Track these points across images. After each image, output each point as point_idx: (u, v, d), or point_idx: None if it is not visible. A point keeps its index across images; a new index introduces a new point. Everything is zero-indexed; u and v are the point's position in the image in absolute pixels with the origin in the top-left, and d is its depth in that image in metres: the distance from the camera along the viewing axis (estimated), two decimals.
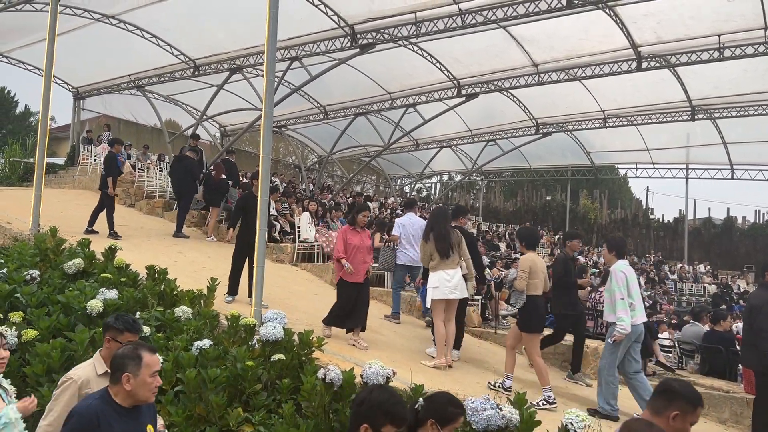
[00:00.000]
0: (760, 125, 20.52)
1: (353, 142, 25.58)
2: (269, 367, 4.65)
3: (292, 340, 4.85)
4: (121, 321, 3.57)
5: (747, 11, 13.14)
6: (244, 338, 5.06)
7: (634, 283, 6.07)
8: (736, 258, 30.53)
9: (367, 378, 4.17)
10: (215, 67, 17.61)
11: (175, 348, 4.78)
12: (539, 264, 6.32)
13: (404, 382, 4.55)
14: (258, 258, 5.88)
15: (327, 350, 5.43)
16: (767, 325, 5.77)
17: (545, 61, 16.48)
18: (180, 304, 5.72)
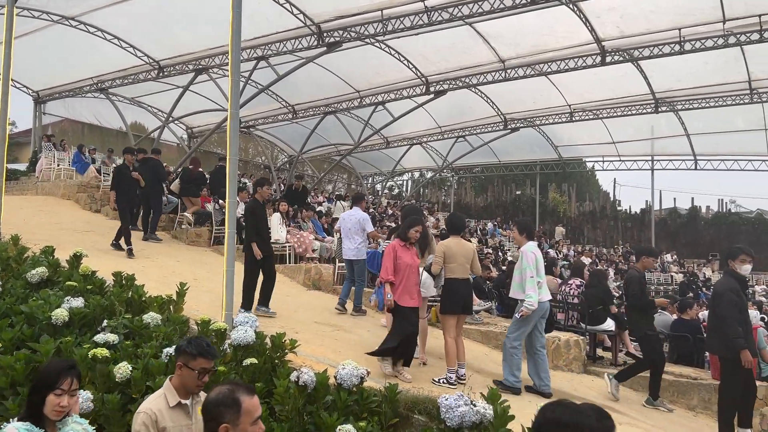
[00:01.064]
0: (721, 116, 21.02)
1: (323, 141, 25.49)
2: (241, 372, 4.59)
3: (264, 344, 4.80)
4: (194, 345, 3.18)
5: (705, 5, 13.43)
6: (215, 343, 4.98)
7: (541, 264, 6.39)
8: (701, 247, 31.26)
9: (341, 379, 4.15)
10: (180, 68, 17.38)
11: (145, 355, 4.68)
12: (455, 248, 6.40)
13: (378, 382, 4.53)
14: (227, 261, 5.80)
15: (300, 352, 5.39)
16: (729, 311, 5.92)
17: (511, 57, 16.63)
18: (149, 310, 5.61)
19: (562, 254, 25.09)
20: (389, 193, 35.85)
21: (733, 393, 6.02)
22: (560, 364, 7.88)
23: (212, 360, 3.24)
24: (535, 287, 6.15)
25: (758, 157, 25.53)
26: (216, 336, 5.04)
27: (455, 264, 6.34)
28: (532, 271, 6.18)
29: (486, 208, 36.25)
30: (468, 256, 6.45)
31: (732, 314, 5.93)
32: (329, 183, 36.37)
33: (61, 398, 2.90)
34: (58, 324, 5.04)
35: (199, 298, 7.28)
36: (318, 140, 24.76)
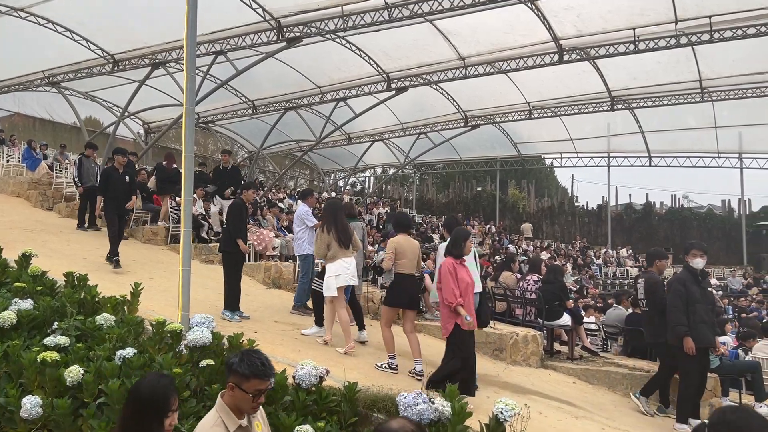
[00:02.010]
0: (673, 114, 21.66)
1: (284, 137, 25.27)
2: (198, 374, 4.51)
3: (221, 345, 4.72)
4: (246, 364, 2.83)
5: (659, 6, 13.77)
6: (170, 344, 4.88)
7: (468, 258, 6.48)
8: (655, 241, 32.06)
9: (300, 379, 4.12)
10: (136, 62, 16.96)
11: (97, 358, 4.56)
12: (405, 245, 6.63)
13: (338, 381, 4.52)
14: (183, 260, 5.69)
15: None
16: (674, 300, 6.31)
17: (471, 54, 16.75)
18: (102, 311, 5.47)
19: (522, 249, 25.46)
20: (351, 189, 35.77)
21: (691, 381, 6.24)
22: (518, 359, 7.99)
23: (268, 380, 2.91)
24: None
25: (708, 154, 26.40)
26: (171, 337, 4.95)
27: (405, 260, 6.55)
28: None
29: (447, 204, 36.49)
30: (415, 252, 6.69)
31: (675, 303, 6.27)
32: (291, 179, 36.10)
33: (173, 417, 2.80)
34: (5, 327, 4.88)
35: (154, 298, 7.14)
36: (279, 136, 24.54)
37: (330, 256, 6.89)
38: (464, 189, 37.89)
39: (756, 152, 25.85)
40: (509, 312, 9.65)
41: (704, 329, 6.27)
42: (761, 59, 16.59)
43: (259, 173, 31.66)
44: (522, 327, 8.72)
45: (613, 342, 10.35)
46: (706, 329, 6.29)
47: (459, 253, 5.82)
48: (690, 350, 6.12)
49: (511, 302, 9.69)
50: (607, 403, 6.84)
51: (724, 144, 25.06)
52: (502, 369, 7.58)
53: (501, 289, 10.08)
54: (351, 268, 6.84)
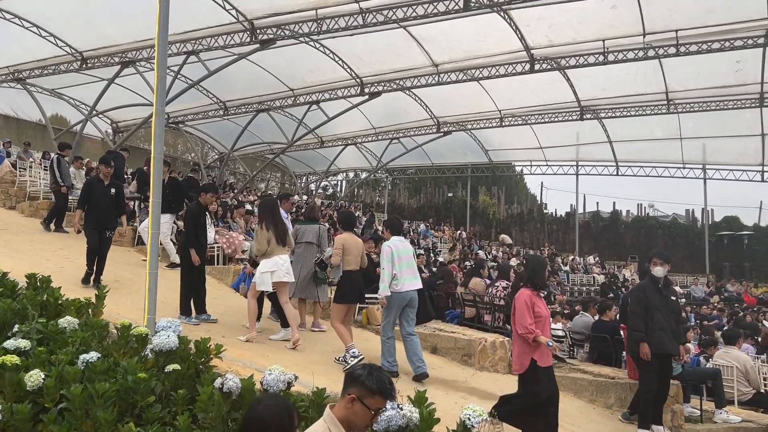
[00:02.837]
0: (640, 125, 22.12)
1: (256, 139, 25.10)
2: (164, 378, 4.43)
3: (187, 349, 4.65)
4: (375, 379, 2.72)
5: (628, 18, 14.08)
6: (136, 349, 4.79)
7: (401, 257, 6.77)
8: (621, 249, 32.70)
9: (267, 385, 4.07)
10: (105, 60, 16.69)
11: (59, 362, 4.45)
12: (351, 242, 7.00)
13: (306, 386, 4.49)
14: (150, 262, 5.60)
15: (226, 357, 5.26)
16: (633, 307, 6.48)
17: (444, 61, 16.88)
18: (65, 314, 5.34)
19: (491, 255, 25.68)
20: (323, 193, 35.67)
21: (650, 386, 6.36)
22: (486, 365, 8.04)
23: (389, 400, 2.83)
24: (385, 279, 6.63)
25: (674, 164, 27.02)
26: (137, 341, 4.86)
27: (351, 256, 6.94)
28: (386, 265, 6.67)
29: (419, 209, 36.63)
30: (360, 249, 7.11)
31: (634, 310, 6.46)
32: (262, 181, 35.84)
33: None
34: None
35: (120, 301, 7.01)
36: (250, 138, 24.36)
37: (267, 253, 7.01)
38: (436, 194, 38.08)
39: (719, 163, 26.53)
40: (478, 318, 9.72)
41: (662, 336, 6.33)
42: (725, 73, 17.08)
43: (229, 175, 31.35)
44: (491, 333, 8.79)
45: (579, 348, 10.49)
46: (664, 336, 6.34)
47: (541, 284, 5.52)
48: (645, 356, 6.25)
49: (480, 308, 9.76)
50: (572, 409, 6.93)
51: (688, 155, 25.68)
52: (471, 375, 7.62)
53: (470, 295, 10.14)
54: (286, 265, 7.04)
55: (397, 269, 6.68)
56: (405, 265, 6.77)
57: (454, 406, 5.35)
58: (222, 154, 27.42)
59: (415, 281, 6.87)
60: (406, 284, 6.73)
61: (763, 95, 18.08)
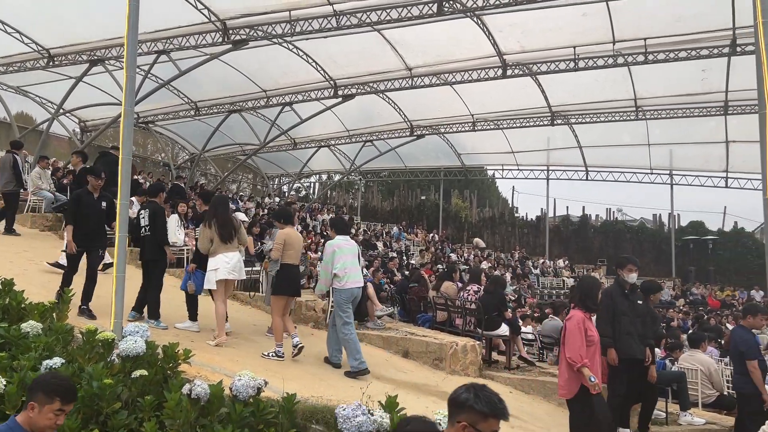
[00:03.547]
0: (609, 130, 22.49)
1: (227, 140, 24.85)
2: (130, 384, 4.35)
3: (155, 354, 4.57)
4: (484, 401, 2.53)
5: (598, 26, 14.30)
6: (101, 354, 4.69)
7: (342, 255, 7.00)
8: (591, 252, 33.17)
9: (237, 390, 4.03)
10: (73, 57, 16.35)
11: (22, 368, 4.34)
12: (293, 237, 7.29)
13: (276, 392, 4.45)
14: (117, 265, 5.50)
15: (195, 362, 5.19)
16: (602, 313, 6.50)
17: (418, 65, 16.94)
18: (28, 318, 5.21)
19: (463, 258, 25.83)
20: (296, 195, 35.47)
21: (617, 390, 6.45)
22: (457, 369, 8.08)
23: (505, 420, 2.61)
24: (325, 278, 7.00)
25: (641, 170, 27.53)
26: (103, 346, 4.76)
27: (292, 251, 7.17)
28: (326, 263, 7.01)
29: (392, 212, 36.66)
30: (300, 244, 7.43)
31: (602, 315, 6.49)
32: (233, 183, 35.50)
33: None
34: None
35: None
36: (222, 139, 24.11)
37: (212, 251, 7.11)
38: (409, 197, 38.16)
39: (685, 169, 27.09)
40: (450, 321, 9.76)
41: (629, 341, 6.36)
42: (691, 82, 17.46)
43: (200, 176, 30.99)
44: (462, 337, 8.83)
45: (548, 352, 10.61)
46: (632, 341, 6.39)
47: (593, 306, 5.38)
48: (612, 361, 6.32)
49: (452, 312, 9.80)
50: (541, 413, 7.00)
51: (656, 160, 26.18)
52: (442, 378, 7.65)
53: (442, 299, 10.18)
54: (231, 263, 7.11)
55: (339, 268, 6.90)
56: (349, 264, 7.00)
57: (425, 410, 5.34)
58: (193, 155, 27.08)
59: (358, 279, 7.10)
60: (350, 281, 6.95)
61: (727, 103, 18.53)
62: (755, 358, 6.19)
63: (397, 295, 11.82)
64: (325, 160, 29.38)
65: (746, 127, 19.40)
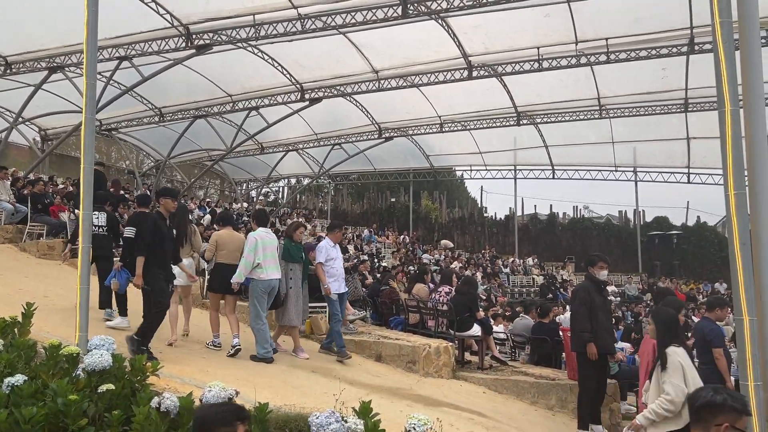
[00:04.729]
0: (574, 130, 22.81)
1: (193, 145, 24.51)
2: (97, 399, 4.23)
3: (122, 368, 4.46)
4: (739, 400, 2.56)
5: (560, 27, 14.50)
6: (66, 369, 4.56)
7: (264, 247, 7.29)
8: (559, 250, 33.59)
9: (206, 401, 3.96)
10: (31, 65, 15.96)
11: None
12: (227, 238, 7.68)
13: (248, 401, 4.38)
14: (81, 277, 5.37)
15: (164, 374, 5.08)
16: (577, 308, 6.67)
17: (385, 68, 16.95)
18: None
19: (434, 259, 25.93)
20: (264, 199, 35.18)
21: (589, 387, 6.53)
22: (431, 371, 8.08)
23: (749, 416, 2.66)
24: (245, 267, 7.19)
25: (606, 167, 28.00)
26: (67, 361, 4.63)
27: (225, 251, 7.55)
28: (249, 253, 7.21)
29: (362, 215, 36.61)
30: (238, 245, 7.63)
31: (580, 311, 6.61)
32: (200, 189, 35.06)
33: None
34: None
35: (50, 319, 6.68)
36: (188, 145, 23.77)
37: None
38: (379, 200, 38.17)
39: (648, 166, 27.63)
40: (422, 323, 9.77)
41: (606, 336, 6.57)
42: (652, 80, 17.83)
43: (166, 183, 30.50)
44: (434, 338, 8.84)
45: (520, 351, 10.69)
46: (607, 336, 6.60)
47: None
48: (592, 356, 6.42)
49: (424, 314, 9.81)
50: (515, 412, 7.04)
51: (620, 158, 26.65)
52: (416, 381, 7.65)
53: (414, 301, 10.18)
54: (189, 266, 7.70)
55: (261, 258, 7.21)
56: (269, 255, 7.31)
57: (399, 414, 5.34)
58: (158, 162, 26.64)
59: (275, 271, 7.38)
60: (268, 272, 7.26)
61: (687, 101, 18.97)
62: (721, 347, 6.32)
63: (369, 298, 11.79)
64: (293, 164, 29.19)
65: (706, 123, 19.92)
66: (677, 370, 4.34)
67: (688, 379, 4.30)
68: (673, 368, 4.35)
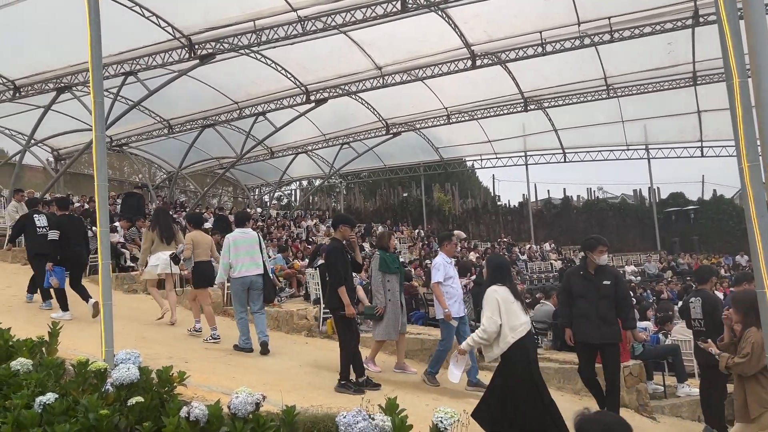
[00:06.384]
0: (582, 111, 22.65)
1: (204, 155, 24.69)
2: (127, 413, 4.29)
3: (150, 380, 4.51)
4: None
5: (561, 9, 14.41)
6: (95, 385, 4.62)
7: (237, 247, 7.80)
8: (575, 233, 33.31)
9: (235, 408, 3.99)
10: (39, 87, 16.14)
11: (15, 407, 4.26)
12: (200, 239, 8.52)
13: (275, 405, 4.42)
14: (103, 293, 5.43)
15: (191, 383, 5.14)
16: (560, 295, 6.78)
17: (388, 63, 16.94)
18: (17, 355, 5.12)
19: None
20: (278, 203, 35.32)
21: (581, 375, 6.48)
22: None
23: None
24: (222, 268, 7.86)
25: (618, 147, 27.79)
26: (96, 377, 4.70)
27: (200, 250, 8.40)
28: (224, 255, 7.83)
29: (376, 211, 36.62)
30: (208, 244, 8.63)
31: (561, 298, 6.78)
32: (214, 197, 35.27)
33: None
34: None
35: (76, 336, 6.78)
36: (198, 154, 23.95)
37: (153, 250, 8.87)
38: (391, 196, 38.16)
39: (660, 143, 27.39)
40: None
41: (581, 324, 6.11)
42: (658, 56, 17.66)
43: (180, 193, 30.75)
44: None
45: (543, 337, 10.65)
46: (585, 324, 6.08)
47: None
48: (568, 340, 6.32)
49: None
50: None
51: (631, 136, 26.44)
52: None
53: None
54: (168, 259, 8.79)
55: (234, 258, 7.72)
56: (243, 254, 7.76)
57: (425, 408, 5.36)
58: (170, 173, 26.86)
59: (253, 267, 7.77)
60: (243, 270, 7.70)
61: (695, 74, 18.77)
62: None
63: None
64: (303, 166, 29.28)
65: (716, 95, 19.68)
66: (490, 303, 5.02)
67: (503, 313, 4.97)
68: (487, 302, 5.04)
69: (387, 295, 7.49)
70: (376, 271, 7.59)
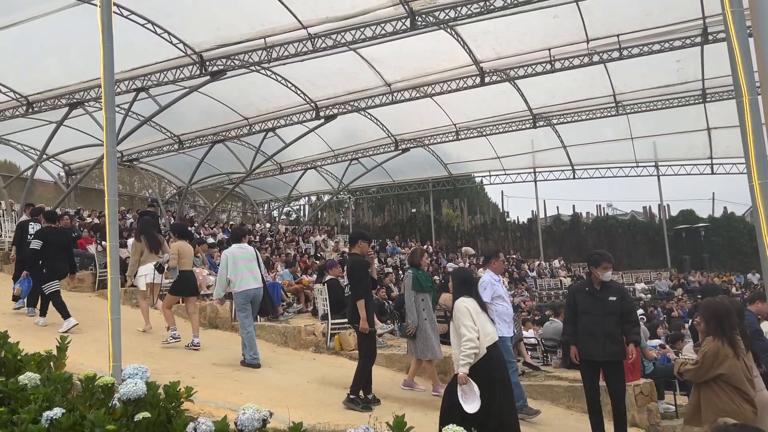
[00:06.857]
0: (592, 128, 22.62)
1: (214, 170, 24.81)
2: (134, 428, 4.28)
3: (157, 395, 4.50)
4: None
5: (570, 27, 14.45)
6: (102, 400, 4.61)
7: (237, 262, 7.90)
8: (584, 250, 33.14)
9: (242, 425, 3.97)
10: (52, 102, 16.32)
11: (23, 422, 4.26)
12: (185, 249, 8.65)
13: (282, 421, 4.40)
14: (112, 308, 5.44)
15: (198, 399, 5.12)
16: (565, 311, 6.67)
17: (397, 80, 17.03)
18: (25, 370, 5.11)
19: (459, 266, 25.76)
20: (287, 219, 35.39)
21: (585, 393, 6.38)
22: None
23: None
24: (219, 283, 8.03)
25: (627, 164, 27.73)
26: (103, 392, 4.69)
27: (185, 259, 8.56)
28: (222, 270, 7.99)
29: (384, 227, 36.63)
30: (191, 254, 8.89)
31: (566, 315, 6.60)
32: (223, 212, 35.40)
33: None
34: None
35: (83, 350, 6.77)
36: (208, 170, 24.07)
37: (142, 260, 9.05)
38: (399, 211, 38.18)
39: (670, 160, 27.31)
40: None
41: (585, 341, 6.04)
42: (667, 73, 17.66)
43: (189, 208, 30.88)
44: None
45: (552, 355, 10.57)
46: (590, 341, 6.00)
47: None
48: (573, 357, 6.21)
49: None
50: (551, 417, 6.95)
51: (640, 153, 26.39)
52: None
53: (441, 311, 10.12)
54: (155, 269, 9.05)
55: (233, 273, 7.83)
56: (243, 268, 7.89)
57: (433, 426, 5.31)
58: (180, 188, 26.99)
59: (253, 281, 7.91)
60: (244, 284, 7.82)
61: (705, 91, 18.74)
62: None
63: (396, 311, 11.76)
64: (312, 181, 29.39)
65: (726, 112, 19.62)
66: (464, 314, 5.11)
67: (476, 320, 5.08)
68: (461, 313, 5.14)
69: (423, 314, 7.46)
70: (410, 290, 7.50)
